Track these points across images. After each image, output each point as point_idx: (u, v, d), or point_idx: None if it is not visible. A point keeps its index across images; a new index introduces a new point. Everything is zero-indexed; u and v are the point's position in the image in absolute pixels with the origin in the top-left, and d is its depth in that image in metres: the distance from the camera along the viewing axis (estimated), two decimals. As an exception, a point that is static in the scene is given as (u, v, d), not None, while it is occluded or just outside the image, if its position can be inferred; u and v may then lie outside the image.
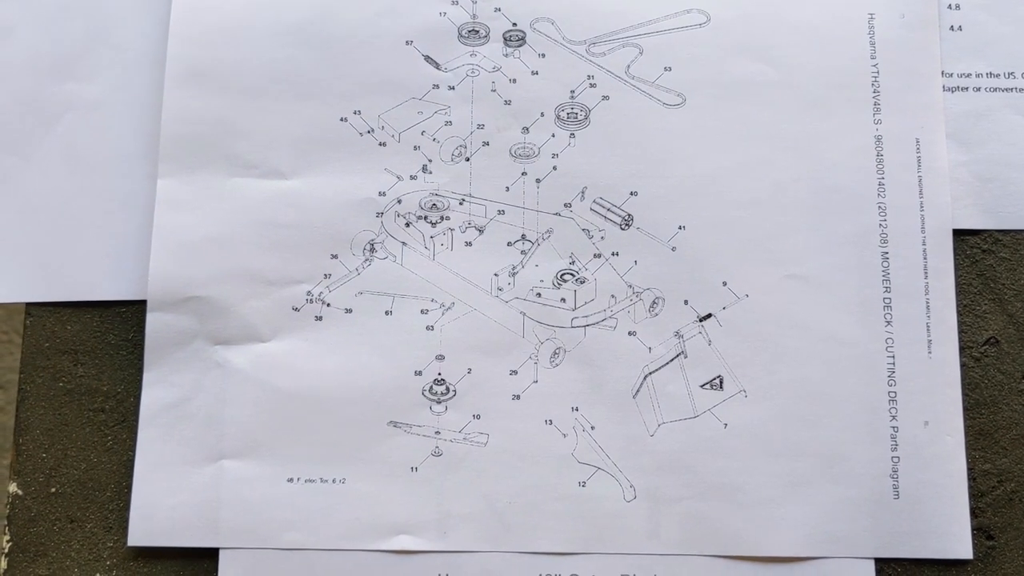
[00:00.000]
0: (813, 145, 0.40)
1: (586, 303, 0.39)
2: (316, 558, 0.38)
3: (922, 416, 0.38)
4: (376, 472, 0.38)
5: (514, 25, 0.41)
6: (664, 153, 0.40)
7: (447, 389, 0.39)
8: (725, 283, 0.39)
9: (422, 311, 0.39)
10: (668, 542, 0.38)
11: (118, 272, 0.40)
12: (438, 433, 0.39)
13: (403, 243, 0.40)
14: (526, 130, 0.40)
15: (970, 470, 0.38)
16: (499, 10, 0.41)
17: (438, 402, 0.39)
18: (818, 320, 0.39)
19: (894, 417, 0.38)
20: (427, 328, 0.39)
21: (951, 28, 0.41)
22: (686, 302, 0.39)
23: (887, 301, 0.39)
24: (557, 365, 0.39)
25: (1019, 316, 0.40)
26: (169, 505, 0.38)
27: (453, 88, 0.41)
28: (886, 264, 0.39)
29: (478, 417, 0.39)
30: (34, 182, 0.41)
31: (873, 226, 0.39)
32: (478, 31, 0.41)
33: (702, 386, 0.39)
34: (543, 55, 0.41)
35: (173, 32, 0.41)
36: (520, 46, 0.41)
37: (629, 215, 0.40)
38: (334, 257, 0.40)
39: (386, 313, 0.39)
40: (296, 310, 0.39)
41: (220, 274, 0.39)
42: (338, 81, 0.41)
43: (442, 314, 0.39)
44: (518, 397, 0.39)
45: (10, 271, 0.41)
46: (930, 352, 0.39)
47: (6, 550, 0.39)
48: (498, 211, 0.40)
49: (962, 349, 0.39)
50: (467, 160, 0.40)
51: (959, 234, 0.40)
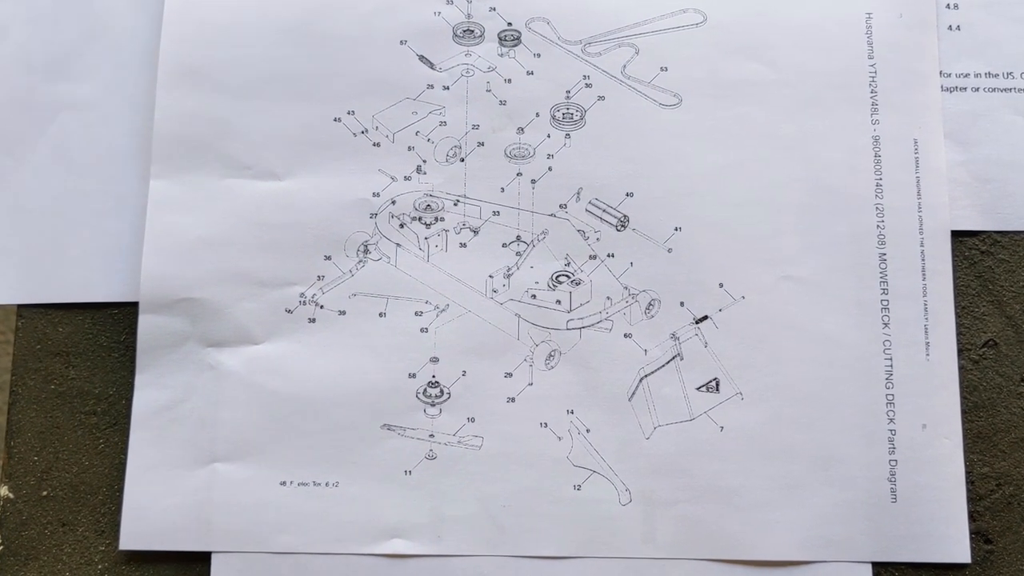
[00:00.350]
0: (810, 145, 0.40)
1: (581, 305, 0.39)
2: (309, 562, 0.38)
3: (920, 419, 0.38)
4: (369, 475, 0.38)
5: (509, 25, 0.41)
6: (660, 154, 0.40)
7: (441, 392, 0.39)
8: (721, 285, 0.39)
9: (416, 313, 0.39)
10: (663, 546, 0.37)
11: (110, 273, 0.40)
12: (432, 436, 0.38)
13: (397, 244, 0.40)
14: (521, 130, 0.40)
15: (968, 473, 0.38)
16: (494, 9, 0.41)
17: (432, 405, 0.38)
18: (815, 322, 0.38)
19: (892, 420, 0.38)
20: (421, 330, 0.39)
21: (949, 28, 0.41)
22: (682, 304, 0.39)
23: (885, 303, 0.39)
24: (552, 367, 0.39)
25: (1018, 318, 0.39)
26: (161, 508, 0.38)
27: (448, 88, 0.40)
28: (884, 265, 0.39)
29: (472, 420, 0.38)
30: (26, 183, 0.41)
31: (871, 227, 0.39)
32: (473, 31, 0.41)
33: (698, 389, 0.38)
34: (538, 55, 0.41)
35: (166, 32, 0.41)
36: (515, 46, 0.41)
37: (625, 216, 0.39)
38: (327, 258, 0.39)
39: (380, 315, 0.39)
40: (289, 312, 0.39)
41: (213, 276, 0.39)
42: (332, 81, 0.40)
43: (436, 316, 0.39)
44: (513, 400, 0.38)
45: (1, 272, 0.40)
46: (928, 354, 0.38)
47: (-3, 554, 0.39)
48: (493, 212, 0.40)
49: (960, 351, 0.39)
50: (462, 161, 0.40)
51: (957, 235, 0.40)
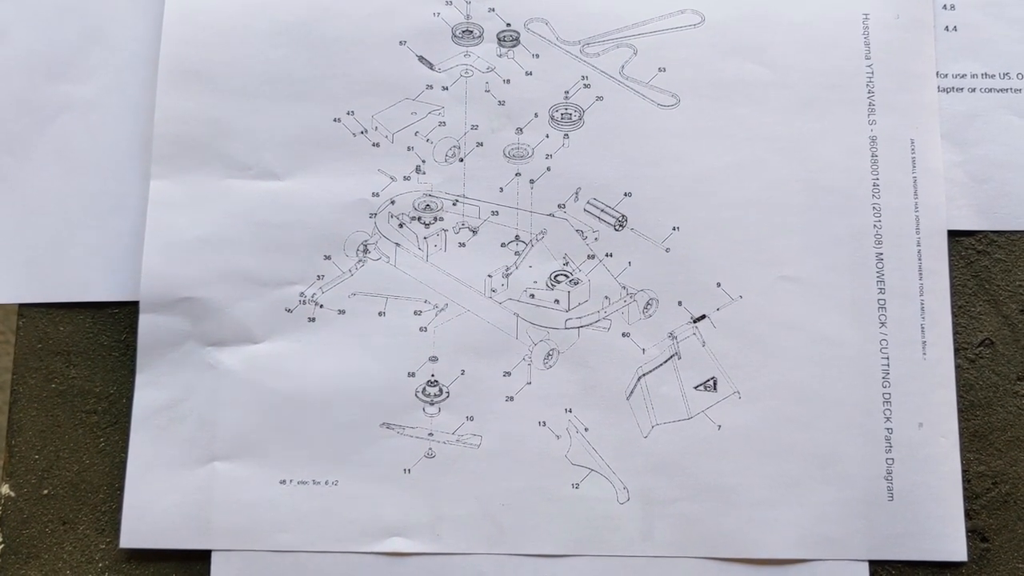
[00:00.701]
0: (807, 146, 0.40)
1: (580, 304, 0.39)
2: (308, 560, 0.38)
3: (916, 418, 0.38)
4: (369, 474, 0.38)
5: (508, 25, 0.41)
6: (658, 154, 0.40)
7: (440, 391, 0.39)
8: (719, 284, 0.39)
9: (415, 312, 0.39)
10: (661, 544, 0.38)
11: (111, 273, 0.40)
12: (431, 435, 0.38)
13: (396, 244, 0.40)
14: (520, 131, 0.40)
15: (964, 472, 0.38)
16: (493, 10, 0.41)
17: (431, 404, 0.39)
18: (812, 321, 0.39)
19: (888, 419, 0.38)
20: (420, 329, 0.39)
21: (946, 28, 0.41)
22: (680, 303, 0.39)
23: (881, 302, 0.39)
24: (551, 366, 0.39)
25: (1014, 317, 0.40)
26: (161, 507, 0.38)
27: (447, 89, 0.41)
28: (880, 265, 0.39)
29: (471, 419, 0.39)
30: (27, 183, 0.41)
31: (867, 227, 0.39)
32: (472, 31, 0.41)
33: (696, 387, 0.39)
34: (537, 55, 0.41)
35: (166, 33, 0.41)
36: (514, 47, 0.41)
37: (623, 216, 0.40)
38: (327, 258, 0.39)
39: (379, 314, 0.39)
40: (289, 311, 0.39)
41: (213, 275, 0.39)
42: (331, 82, 0.40)
43: (435, 315, 0.39)
44: (511, 399, 0.39)
45: (3, 272, 0.41)
46: (924, 353, 0.39)
47: (-2, 552, 0.39)
48: (492, 212, 0.40)
49: (957, 350, 0.39)
50: (461, 161, 0.40)
51: (954, 235, 0.40)
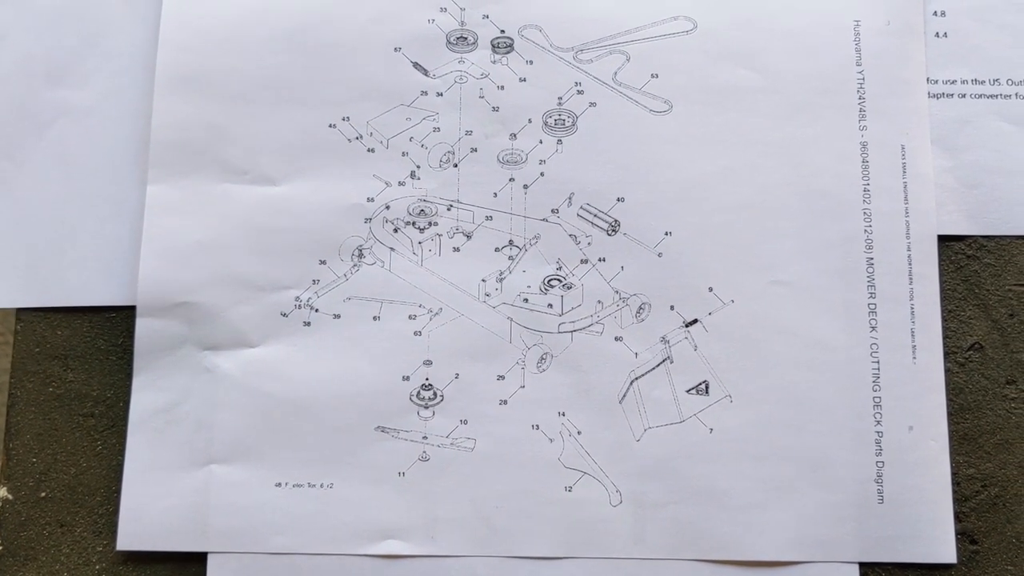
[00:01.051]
0: (799, 151, 0.40)
1: (573, 308, 0.39)
2: (304, 562, 0.38)
3: (906, 421, 0.38)
4: (364, 477, 0.38)
5: (502, 32, 0.41)
6: (651, 159, 0.40)
7: (435, 394, 0.39)
8: (711, 289, 0.39)
9: (410, 317, 0.39)
10: (654, 546, 0.38)
11: (108, 278, 0.41)
12: (425, 438, 0.39)
13: (391, 249, 0.40)
14: (514, 136, 0.41)
15: (954, 475, 0.39)
16: (487, 17, 0.41)
17: (425, 407, 0.39)
18: (803, 325, 0.39)
19: (879, 422, 0.38)
20: (415, 334, 0.39)
21: (936, 35, 0.41)
22: (672, 307, 0.39)
23: (872, 306, 0.39)
24: (544, 370, 0.39)
25: (1003, 321, 0.40)
26: (158, 509, 0.38)
27: (441, 95, 0.41)
28: (871, 270, 0.39)
29: (465, 422, 0.39)
30: (25, 187, 0.41)
31: (858, 232, 0.40)
32: (466, 38, 0.41)
33: (688, 391, 0.39)
34: (531, 62, 0.41)
35: (163, 39, 0.41)
36: (508, 53, 0.41)
37: (616, 221, 0.40)
38: (322, 263, 0.40)
39: (374, 319, 0.39)
40: (285, 316, 0.40)
41: (209, 280, 0.40)
42: (327, 87, 0.41)
43: (430, 320, 0.39)
44: (505, 402, 0.39)
45: (1, 276, 0.41)
46: (915, 357, 0.39)
47: (-4, 554, 0.39)
48: (486, 217, 0.40)
49: (946, 354, 0.39)
50: (455, 166, 0.41)
51: (944, 240, 0.40)
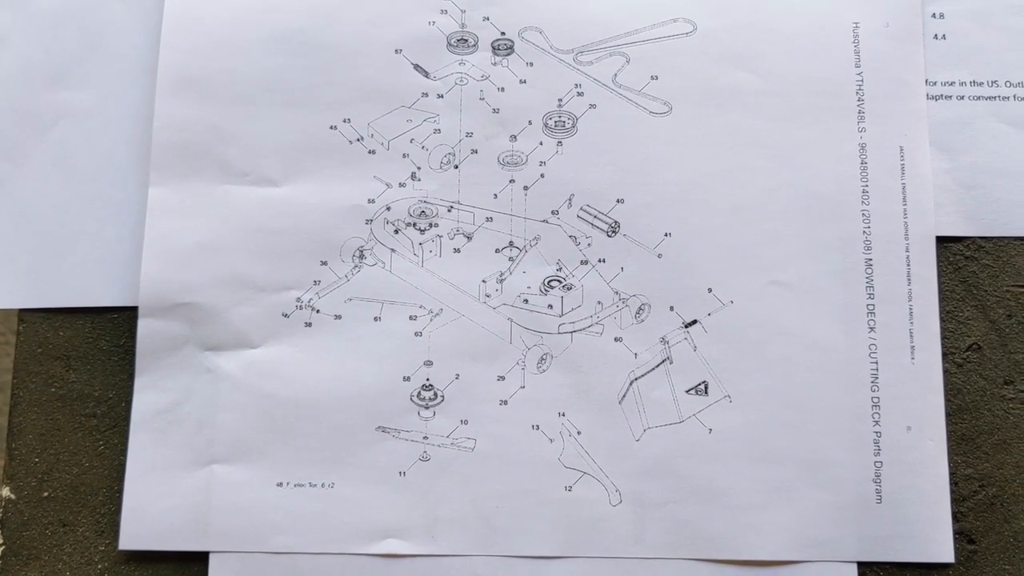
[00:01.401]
0: (798, 153, 0.40)
1: (573, 309, 0.40)
2: (305, 562, 0.38)
3: (905, 421, 0.39)
4: (364, 477, 0.39)
5: (503, 34, 0.41)
6: (650, 161, 0.40)
7: (435, 395, 0.39)
8: (710, 289, 0.40)
9: (410, 317, 0.40)
10: (653, 546, 0.38)
11: (110, 278, 0.41)
12: (426, 438, 0.39)
13: (392, 250, 0.40)
14: (514, 138, 0.41)
15: (952, 475, 0.39)
16: (488, 19, 0.42)
17: (426, 407, 0.39)
18: (802, 326, 0.39)
19: (877, 422, 0.39)
20: (415, 334, 0.40)
21: (935, 37, 0.42)
22: (672, 308, 0.39)
23: (871, 307, 0.39)
24: (544, 371, 0.39)
25: (1001, 322, 0.40)
26: (160, 509, 0.38)
27: (442, 96, 0.41)
28: (870, 271, 0.40)
29: (466, 422, 0.39)
30: (27, 189, 0.42)
31: (857, 233, 0.40)
32: (467, 40, 0.41)
33: (687, 391, 0.39)
34: (531, 64, 0.41)
35: (165, 41, 0.41)
36: (508, 55, 0.41)
37: (615, 222, 0.40)
38: (324, 264, 0.40)
39: (375, 319, 0.40)
40: (286, 316, 0.40)
41: (211, 281, 0.40)
42: (328, 89, 0.41)
43: (430, 320, 0.40)
44: (505, 403, 0.39)
45: (3, 277, 0.41)
46: (913, 358, 0.39)
47: (-1, 554, 0.39)
48: (486, 218, 0.40)
49: (945, 355, 0.40)
50: (456, 168, 0.41)
51: (942, 241, 0.40)
